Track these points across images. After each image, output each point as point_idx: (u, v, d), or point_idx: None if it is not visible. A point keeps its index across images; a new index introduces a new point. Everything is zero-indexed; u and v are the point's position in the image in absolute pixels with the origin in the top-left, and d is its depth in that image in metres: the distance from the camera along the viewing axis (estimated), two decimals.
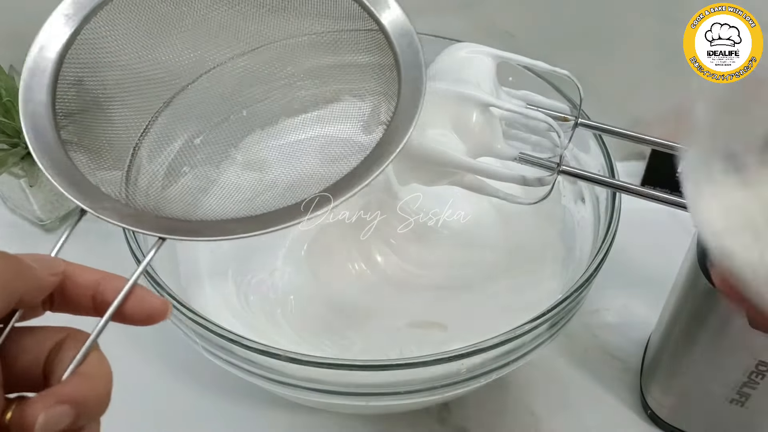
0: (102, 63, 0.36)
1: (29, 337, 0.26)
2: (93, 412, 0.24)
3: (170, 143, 0.39)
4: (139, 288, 0.27)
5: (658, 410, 0.50)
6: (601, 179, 0.44)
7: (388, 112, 0.36)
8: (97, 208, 0.30)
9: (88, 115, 0.35)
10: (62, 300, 0.27)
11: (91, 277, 0.27)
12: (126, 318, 0.27)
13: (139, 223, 0.30)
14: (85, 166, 0.32)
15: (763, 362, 0.41)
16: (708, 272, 0.40)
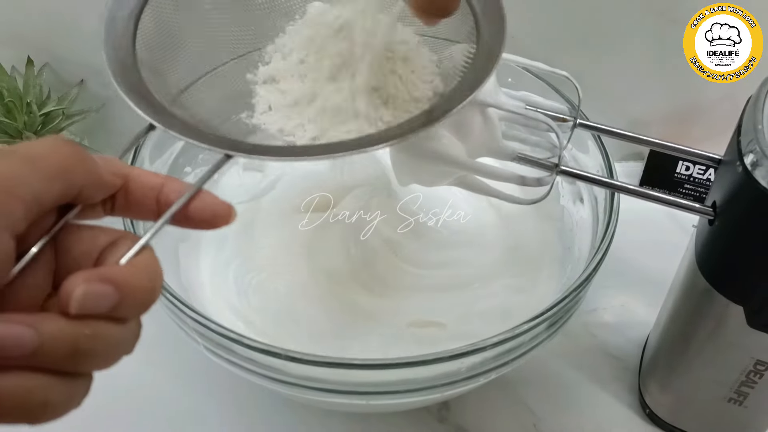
0: (182, 7, 0.38)
1: (85, 231, 0.26)
2: (137, 303, 0.24)
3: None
4: (204, 191, 0.27)
5: (657, 409, 0.50)
6: (600, 179, 0.44)
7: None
8: (165, 123, 0.31)
9: (163, 49, 0.37)
10: (125, 201, 0.27)
11: (155, 180, 0.27)
12: (189, 218, 0.27)
13: (204, 139, 0.31)
14: (157, 92, 0.34)
15: (761, 361, 0.41)
16: (706, 272, 0.41)
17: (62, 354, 0.22)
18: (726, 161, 0.38)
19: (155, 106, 0.32)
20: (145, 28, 0.36)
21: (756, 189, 0.34)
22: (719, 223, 0.38)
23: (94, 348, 0.22)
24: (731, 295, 0.39)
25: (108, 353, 0.23)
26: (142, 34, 0.35)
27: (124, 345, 0.24)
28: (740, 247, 0.38)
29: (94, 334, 0.22)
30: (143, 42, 0.35)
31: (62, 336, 0.22)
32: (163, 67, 0.36)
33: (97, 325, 0.22)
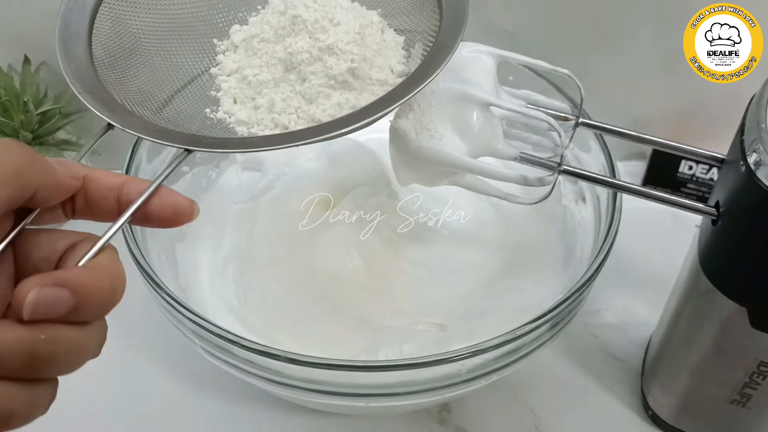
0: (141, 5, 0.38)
1: (44, 236, 0.25)
2: (96, 306, 0.23)
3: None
4: (164, 188, 0.27)
5: (659, 411, 0.50)
6: (602, 179, 0.43)
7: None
8: (123, 123, 0.31)
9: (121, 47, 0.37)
10: (85, 203, 0.26)
11: (114, 180, 0.27)
12: (150, 217, 0.26)
13: (164, 137, 0.31)
14: (113, 88, 0.34)
15: (764, 363, 0.41)
16: (709, 272, 0.40)
17: (19, 361, 0.21)
18: (729, 160, 0.38)
19: (112, 105, 0.32)
20: (101, 26, 0.36)
21: (759, 189, 0.33)
22: (722, 223, 0.38)
23: (53, 353, 0.22)
24: (735, 296, 0.39)
25: (69, 358, 0.23)
26: (98, 32, 0.35)
27: (87, 348, 0.23)
28: (744, 247, 0.37)
29: (51, 339, 0.22)
30: (99, 40, 0.35)
31: (18, 343, 0.21)
32: (123, 66, 0.36)
33: (53, 329, 0.22)
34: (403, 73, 0.38)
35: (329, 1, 0.39)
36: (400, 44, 0.40)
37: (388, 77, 0.38)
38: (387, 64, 0.38)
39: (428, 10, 0.39)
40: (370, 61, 0.38)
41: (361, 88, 0.37)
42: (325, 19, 0.37)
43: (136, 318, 0.54)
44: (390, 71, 0.39)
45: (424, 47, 0.38)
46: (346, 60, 0.37)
